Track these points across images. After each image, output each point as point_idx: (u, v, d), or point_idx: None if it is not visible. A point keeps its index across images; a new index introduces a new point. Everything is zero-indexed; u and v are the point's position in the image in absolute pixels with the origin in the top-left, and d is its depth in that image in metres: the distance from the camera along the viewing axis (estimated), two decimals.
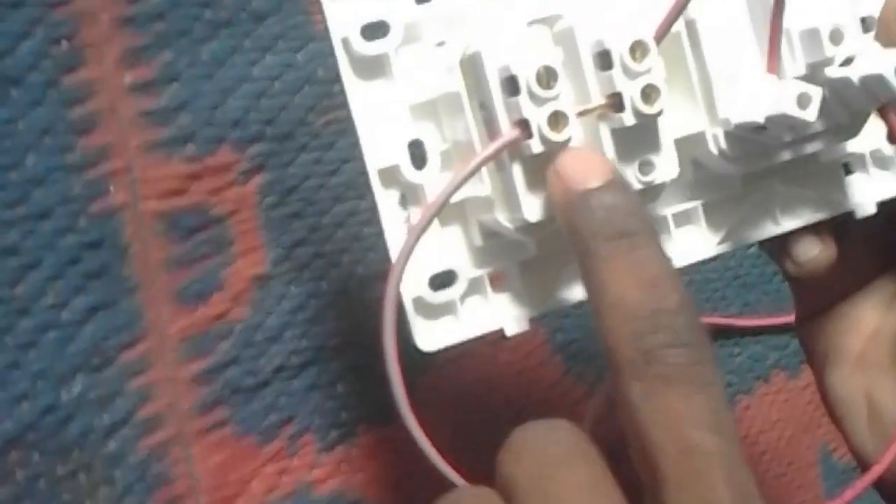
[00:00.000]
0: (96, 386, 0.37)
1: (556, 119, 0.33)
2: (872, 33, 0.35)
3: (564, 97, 0.33)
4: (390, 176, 0.34)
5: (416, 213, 0.34)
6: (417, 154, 0.34)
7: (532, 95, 0.32)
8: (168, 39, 0.37)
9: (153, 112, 0.37)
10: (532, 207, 0.34)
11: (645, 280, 0.30)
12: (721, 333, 0.61)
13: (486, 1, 0.35)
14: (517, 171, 0.34)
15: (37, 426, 0.35)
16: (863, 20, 0.35)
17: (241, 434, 0.40)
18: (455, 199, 0.34)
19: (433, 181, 0.34)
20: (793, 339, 0.64)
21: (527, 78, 0.32)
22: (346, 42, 0.33)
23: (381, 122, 0.34)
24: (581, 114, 0.33)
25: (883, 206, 0.40)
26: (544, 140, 0.33)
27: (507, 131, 0.33)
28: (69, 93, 0.35)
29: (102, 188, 0.36)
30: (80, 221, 0.36)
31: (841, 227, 0.41)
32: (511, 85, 0.33)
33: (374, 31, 0.33)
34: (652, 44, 0.33)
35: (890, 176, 0.41)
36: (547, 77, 0.32)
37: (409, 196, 0.34)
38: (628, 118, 0.33)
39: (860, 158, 0.41)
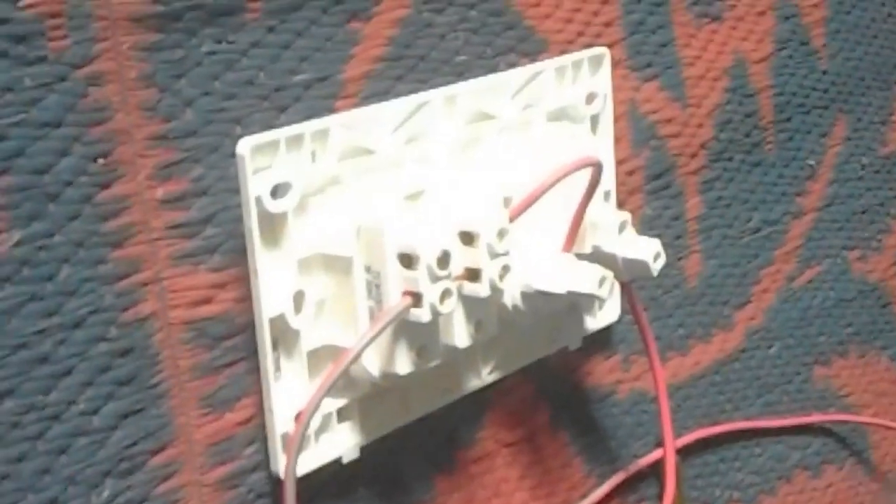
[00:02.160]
0: (125, 490, 0.38)
1: (445, 294, 0.38)
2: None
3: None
4: (275, 323, 0.39)
5: (287, 360, 0.40)
6: (299, 303, 0.39)
7: (430, 274, 0.38)
8: (199, 155, 0.38)
9: (183, 224, 0.38)
10: (404, 363, 0.40)
11: None
12: (743, 434, 0.61)
13: (360, 171, 0.40)
14: (395, 330, 0.39)
15: None
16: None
17: None
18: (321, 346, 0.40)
19: (308, 329, 0.39)
20: (814, 438, 0.65)
21: (428, 259, 0.38)
22: (258, 201, 0.37)
23: (275, 274, 0.38)
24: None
25: None
26: (433, 312, 0.38)
27: (400, 301, 0.39)
28: (103, 207, 0.36)
29: (133, 298, 0.37)
30: (111, 330, 0.37)
31: None
32: (407, 261, 0.38)
33: (279, 190, 0.38)
34: (511, 228, 0.40)
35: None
36: (445, 259, 0.38)
37: (282, 340, 0.39)
38: (483, 290, 0.40)
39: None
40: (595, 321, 0.50)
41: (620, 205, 0.52)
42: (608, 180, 0.49)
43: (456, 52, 0.45)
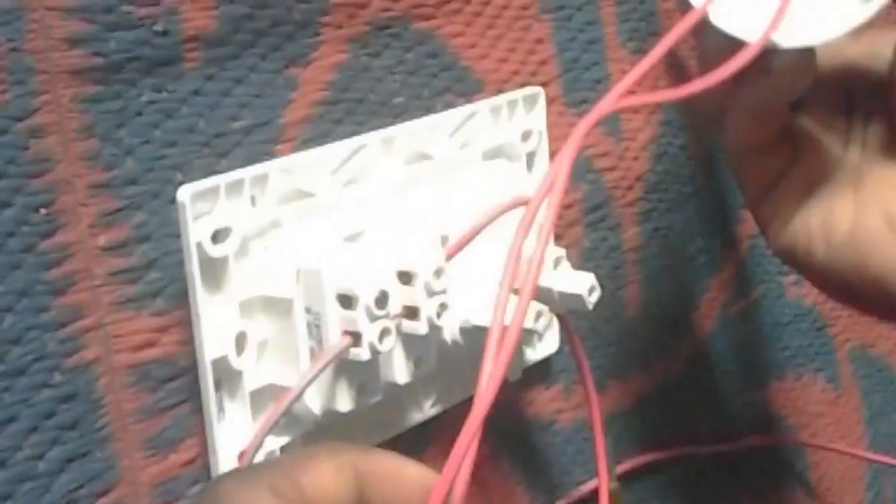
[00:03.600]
0: None
1: (384, 333, 0.40)
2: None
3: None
4: (218, 365, 0.40)
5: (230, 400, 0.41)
6: (241, 344, 0.40)
7: (369, 314, 0.39)
8: (141, 202, 0.39)
9: (125, 270, 0.39)
10: (345, 400, 0.41)
11: None
12: (685, 458, 0.62)
13: (300, 214, 0.41)
14: (335, 369, 0.41)
15: None
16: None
17: None
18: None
19: (251, 369, 0.40)
20: (755, 460, 0.66)
21: (366, 299, 0.39)
22: (199, 246, 0.38)
23: (216, 317, 0.39)
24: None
25: None
26: (373, 351, 0.39)
27: (340, 341, 0.40)
28: (46, 256, 0.37)
29: (76, 344, 0.38)
30: (54, 376, 0.38)
31: None
32: (346, 301, 0.39)
33: (219, 235, 0.39)
34: (447, 267, 0.42)
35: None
36: (383, 299, 0.39)
37: (225, 381, 0.40)
38: (422, 327, 0.41)
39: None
40: (535, 353, 0.52)
41: (559, 238, 0.53)
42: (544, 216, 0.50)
43: (393, 94, 0.46)
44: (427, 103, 0.47)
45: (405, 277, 0.41)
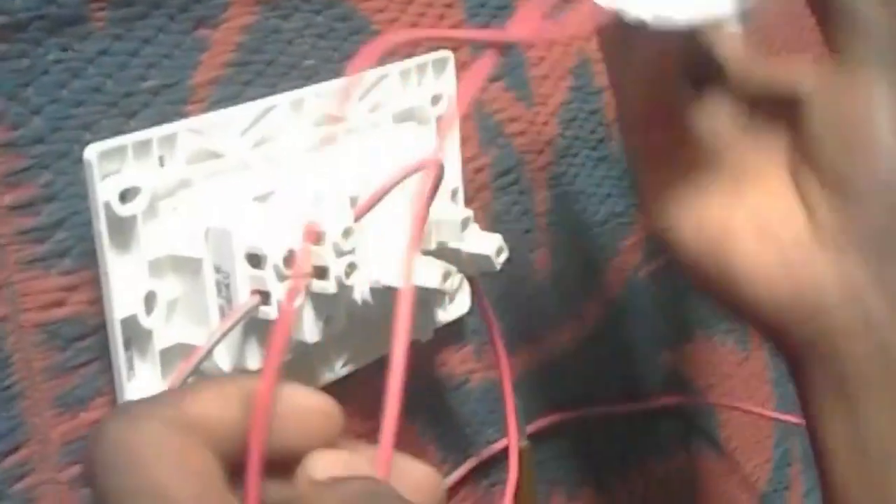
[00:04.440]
0: None
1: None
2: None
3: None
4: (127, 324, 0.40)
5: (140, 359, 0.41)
6: (150, 303, 0.40)
7: (277, 273, 0.40)
8: (47, 161, 0.39)
9: (32, 230, 0.39)
10: (254, 358, 0.42)
11: None
12: (595, 419, 0.64)
13: (209, 174, 0.42)
14: (245, 328, 0.41)
15: None
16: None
17: None
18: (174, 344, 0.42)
19: (160, 328, 0.40)
20: (664, 420, 0.68)
21: (275, 259, 0.40)
22: (107, 205, 0.38)
23: (125, 276, 0.39)
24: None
25: None
26: (281, 309, 0.40)
27: (248, 299, 0.40)
28: None
29: None
30: None
31: None
32: (255, 260, 0.40)
33: (127, 195, 0.39)
34: (356, 227, 0.42)
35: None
36: (291, 258, 0.40)
37: (135, 340, 0.40)
38: (331, 286, 0.41)
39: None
40: (446, 314, 0.52)
41: (469, 202, 0.54)
42: (453, 179, 0.51)
43: (303, 56, 0.47)
44: (337, 66, 0.48)
45: (314, 237, 0.42)
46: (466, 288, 0.53)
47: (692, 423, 0.71)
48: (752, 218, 0.45)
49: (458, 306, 0.53)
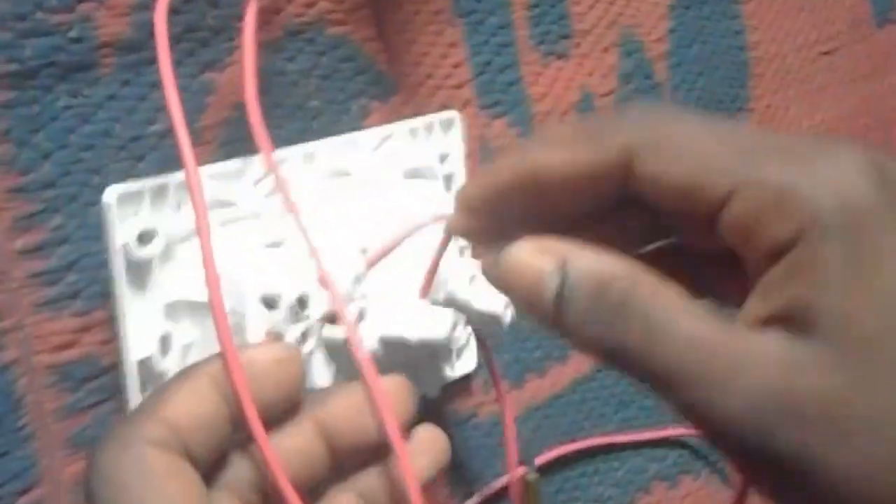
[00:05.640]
0: None
1: (305, 334, 0.41)
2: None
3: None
4: (143, 365, 0.40)
5: None
6: (166, 345, 0.41)
7: (291, 315, 0.40)
8: (58, 205, 0.40)
9: (44, 272, 0.40)
10: None
11: None
12: (601, 450, 0.64)
13: (223, 221, 0.42)
14: None
15: None
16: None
17: None
18: None
19: (176, 370, 0.40)
20: (670, 450, 0.68)
21: (288, 301, 0.40)
22: (125, 248, 0.39)
23: (141, 318, 0.40)
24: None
25: None
26: None
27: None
28: None
29: None
30: None
31: None
32: (269, 302, 0.40)
33: (144, 237, 0.39)
34: (367, 276, 0.43)
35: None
36: (304, 301, 0.41)
37: (150, 382, 0.41)
38: (340, 332, 0.42)
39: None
40: (452, 371, 0.52)
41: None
42: None
43: (309, 97, 0.47)
44: (342, 106, 0.49)
45: (326, 283, 0.42)
46: (473, 346, 0.53)
47: (698, 453, 0.71)
48: None
49: (465, 363, 0.53)
